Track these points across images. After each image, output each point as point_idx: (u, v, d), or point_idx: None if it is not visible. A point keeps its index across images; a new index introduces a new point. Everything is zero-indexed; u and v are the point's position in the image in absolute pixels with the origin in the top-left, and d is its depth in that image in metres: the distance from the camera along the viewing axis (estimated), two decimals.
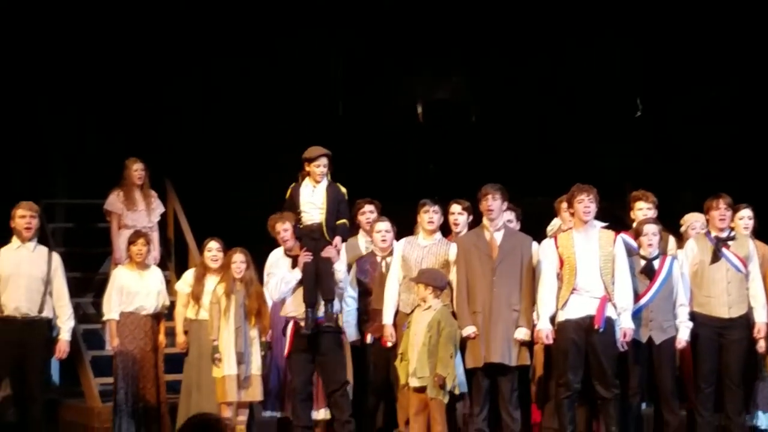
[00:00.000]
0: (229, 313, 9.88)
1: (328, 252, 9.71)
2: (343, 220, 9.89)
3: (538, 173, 10.37)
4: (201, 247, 10.56)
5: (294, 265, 9.75)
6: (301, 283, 9.71)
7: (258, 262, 10.27)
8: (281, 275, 9.73)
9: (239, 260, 9.95)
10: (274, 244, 10.38)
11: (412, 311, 9.57)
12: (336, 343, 9.80)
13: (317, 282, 9.69)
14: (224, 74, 14.00)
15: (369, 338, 10.02)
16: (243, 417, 9.87)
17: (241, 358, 9.80)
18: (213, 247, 10.34)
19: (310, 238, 9.75)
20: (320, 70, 11.46)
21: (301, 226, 9.77)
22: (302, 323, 9.66)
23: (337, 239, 9.75)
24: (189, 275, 10.57)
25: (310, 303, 9.67)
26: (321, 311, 9.66)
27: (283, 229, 9.86)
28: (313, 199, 9.80)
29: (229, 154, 14.02)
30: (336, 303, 9.75)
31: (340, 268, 9.78)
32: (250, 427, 10.12)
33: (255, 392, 9.89)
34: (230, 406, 9.80)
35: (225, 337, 9.87)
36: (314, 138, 10.16)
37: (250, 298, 9.91)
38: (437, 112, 14.25)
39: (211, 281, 10.23)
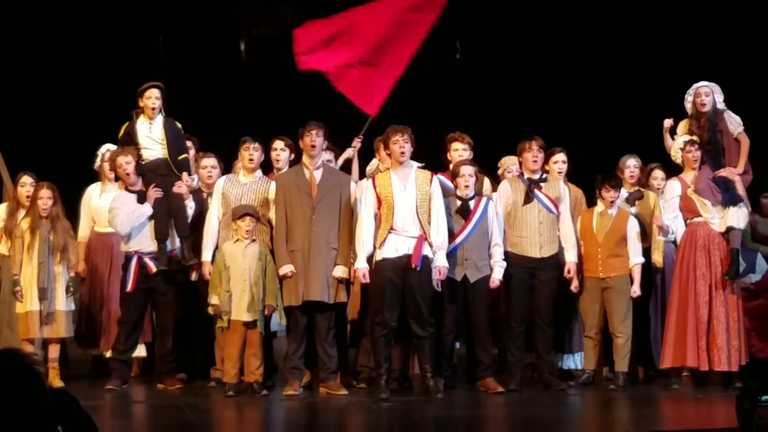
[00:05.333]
0: (33, 248, 9.74)
1: (180, 188, 9.72)
2: (185, 155, 9.95)
3: (358, 115, 10.36)
4: (15, 182, 10.34)
5: (140, 200, 9.69)
6: (150, 218, 9.66)
7: (73, 197, 10.13)
8: (130, 209, 9.65)
9: (45, 196, 9.79)
10: (90, 179, 10.29)
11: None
12: (175, 282, 9.80)
13: (170, 218, 9.67)
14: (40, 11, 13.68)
15: (194, 276, 9.93)
16: (54, 354, 9.73)
17: (44, 294, 9.66)
18: (27, 181, 10.14)
19: (157, 174, 9.76)
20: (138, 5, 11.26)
21: (144, 162, 9.73)
22: (147, 259, 9.60)
23: (185, 174, 9.77)
24: (1, 210, 10.33)
25: (163, 239, 9.65)
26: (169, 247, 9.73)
27: (126, 162, 9.77)
28: (151, 134, 9.83)
29: (46, 87, 13.72)
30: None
31: (191, 204, 9.80)
32: (63, 363, 9.99)
33: (59, 329, 9.74)
34: (33, 342, 9.62)
35: (27, 273, 9.75)
36: (139, 78, 10.12)
37: (56, 233, 9.77)
38: (261, 47, 14.11)
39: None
